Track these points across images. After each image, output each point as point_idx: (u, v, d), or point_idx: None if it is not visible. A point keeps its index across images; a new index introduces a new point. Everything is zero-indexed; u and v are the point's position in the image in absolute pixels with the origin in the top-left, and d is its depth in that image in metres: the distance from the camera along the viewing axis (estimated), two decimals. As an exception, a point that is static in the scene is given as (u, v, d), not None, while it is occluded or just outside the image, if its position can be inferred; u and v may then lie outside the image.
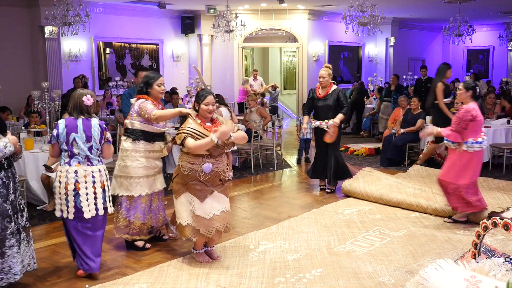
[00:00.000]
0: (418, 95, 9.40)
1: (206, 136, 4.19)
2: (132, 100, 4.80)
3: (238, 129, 4.45)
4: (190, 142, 4.15)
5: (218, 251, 4.70)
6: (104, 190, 4.17)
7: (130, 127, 4.69)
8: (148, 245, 4.90)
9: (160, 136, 4.79)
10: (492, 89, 12.54)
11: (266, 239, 5.09)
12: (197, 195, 4.24)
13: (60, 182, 4.06)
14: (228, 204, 4.46)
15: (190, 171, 4.22)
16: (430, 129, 5.66)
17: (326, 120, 6.61)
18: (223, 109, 8.04)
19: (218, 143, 4.13)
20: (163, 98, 9.46)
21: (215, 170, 4.26)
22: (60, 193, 4.07)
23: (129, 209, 4.72)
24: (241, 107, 12.99)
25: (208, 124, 4.35)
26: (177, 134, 4.28)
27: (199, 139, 4.17)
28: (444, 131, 5.39)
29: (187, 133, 4.20)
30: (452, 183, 5.37)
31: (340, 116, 6.58)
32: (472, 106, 5.26)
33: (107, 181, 4.21)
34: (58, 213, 4.14)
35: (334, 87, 6.69)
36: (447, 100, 7.73)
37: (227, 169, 4.41)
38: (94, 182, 4.09)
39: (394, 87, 11.74)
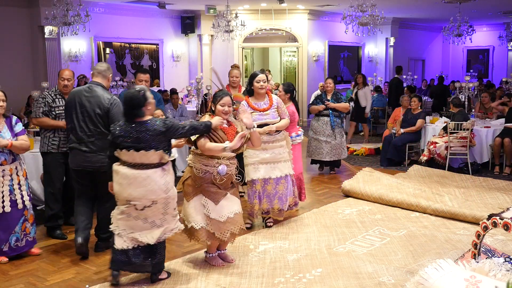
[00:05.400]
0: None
1: (221, 137, 4.18)
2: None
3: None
4: (202, 141, 4.12)
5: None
6: None
7: None
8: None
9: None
10: (494, 90, 12.48)
11: (266, 239, 5.09)
12: (212, 198, 4.18)
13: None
14: (240, 206, 4.39)
15: (204, 173, 4.16)
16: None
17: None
18: None
19: (227, 151, 4.13)
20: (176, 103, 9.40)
21: (229, 173, 4.23)
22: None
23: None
24: None
25: (225, 125, 4.30)
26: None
27: (213, 139, 4.15)
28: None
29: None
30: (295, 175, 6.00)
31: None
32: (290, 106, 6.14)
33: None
34: None
35: (243, 88, 6.71)
36: None
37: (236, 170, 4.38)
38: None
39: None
